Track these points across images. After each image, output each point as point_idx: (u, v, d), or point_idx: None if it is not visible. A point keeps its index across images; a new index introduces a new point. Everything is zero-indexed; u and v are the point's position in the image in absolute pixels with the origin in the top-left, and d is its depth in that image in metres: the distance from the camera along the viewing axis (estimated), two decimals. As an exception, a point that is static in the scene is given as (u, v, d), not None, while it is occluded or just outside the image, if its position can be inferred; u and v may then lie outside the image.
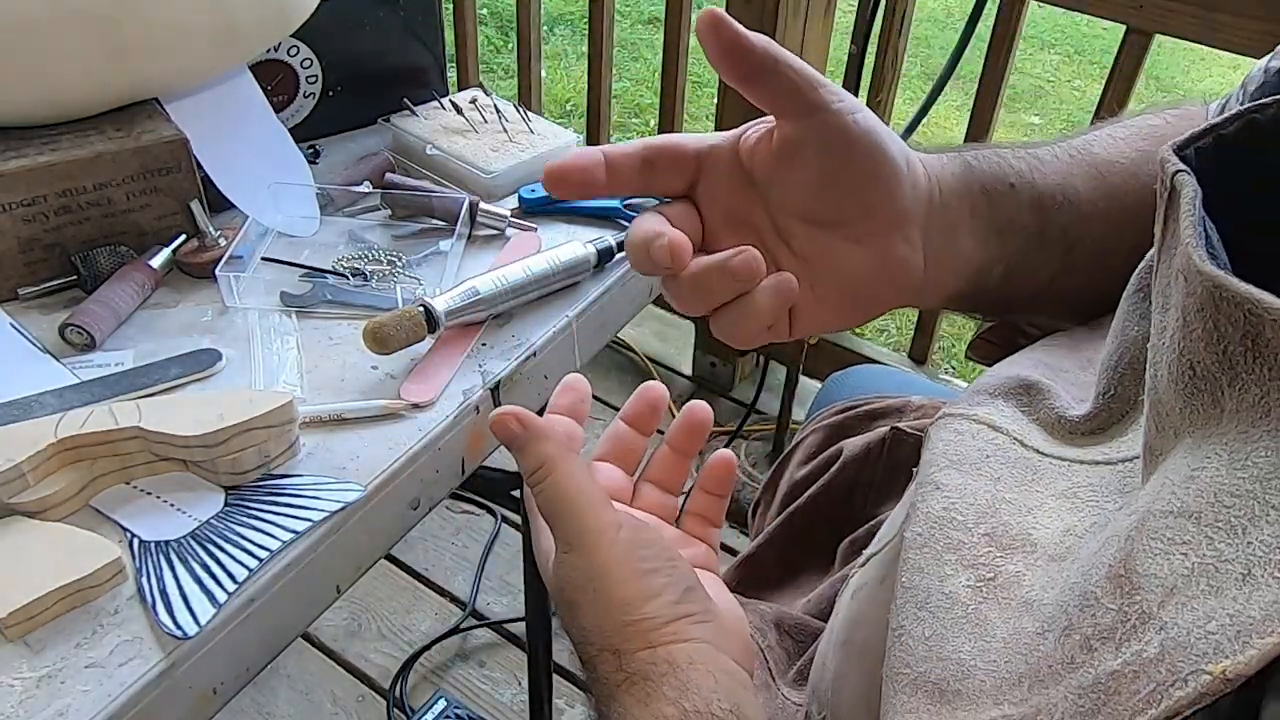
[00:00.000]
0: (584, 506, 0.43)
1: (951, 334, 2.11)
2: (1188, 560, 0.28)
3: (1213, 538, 0.28)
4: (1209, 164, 0.34)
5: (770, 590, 0.71)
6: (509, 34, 3.09)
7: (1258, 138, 0.35)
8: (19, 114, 0.65)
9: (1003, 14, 1.36)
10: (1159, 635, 0.28)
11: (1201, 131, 0.35)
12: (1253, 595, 0.26)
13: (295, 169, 0.78)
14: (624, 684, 0.41)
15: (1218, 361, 0.29)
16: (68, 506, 0.51)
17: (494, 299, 0.66)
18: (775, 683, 0.59)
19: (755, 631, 0.62)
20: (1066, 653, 0.32)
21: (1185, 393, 0.31)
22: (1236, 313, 0.28)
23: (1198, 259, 0.29)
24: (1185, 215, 0.31)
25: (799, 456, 0.78)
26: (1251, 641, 0.25)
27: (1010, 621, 0.36)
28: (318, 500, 0.53)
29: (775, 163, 0.44)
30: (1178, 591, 0.28)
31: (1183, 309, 0.30)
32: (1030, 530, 0.40)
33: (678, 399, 1.89)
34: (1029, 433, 0.45)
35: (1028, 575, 0.38)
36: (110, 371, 0.61)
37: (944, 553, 0.40)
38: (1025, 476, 0.42)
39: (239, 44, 0.71)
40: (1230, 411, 0.29)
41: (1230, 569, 0.27)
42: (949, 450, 0.44)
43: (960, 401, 0.48)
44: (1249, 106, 0.35)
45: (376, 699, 1.37)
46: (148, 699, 0.45)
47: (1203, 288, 0.29)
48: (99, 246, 0.67)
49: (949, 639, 0.37)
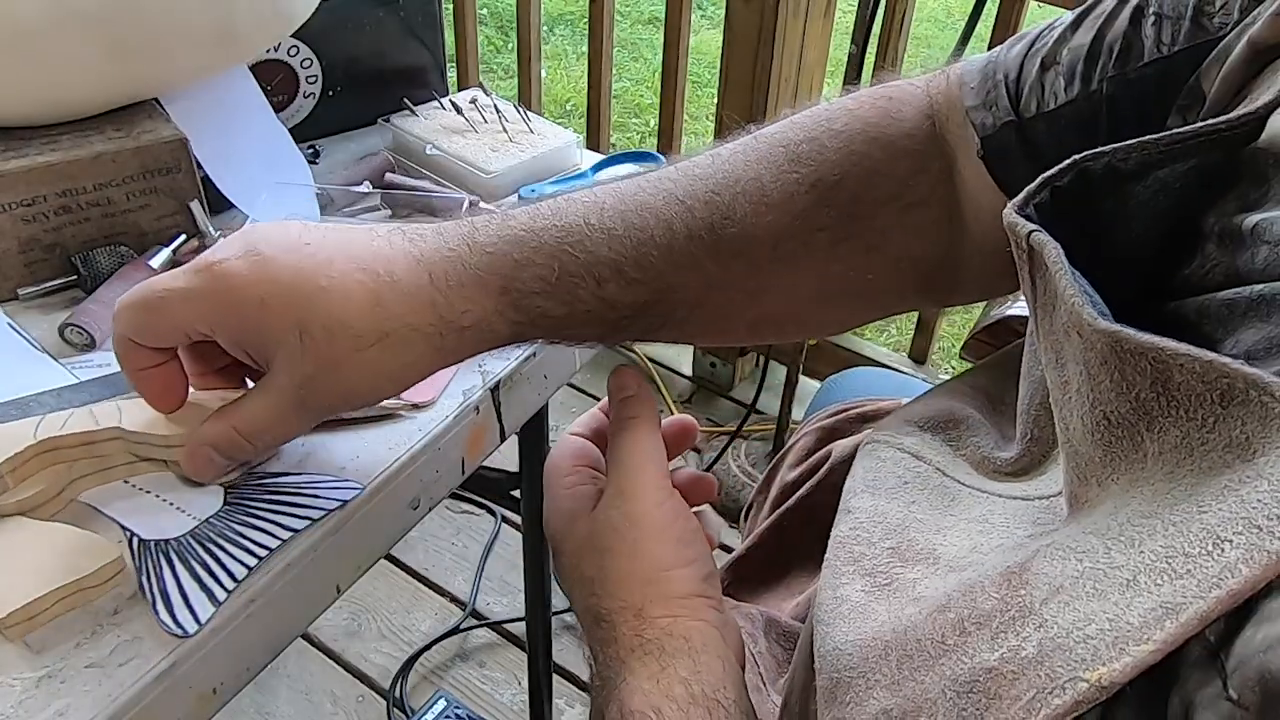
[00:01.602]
0: (649, 462, 0.46)
1: (951, 334, 2.11)
2: (1080, 565, 0.28)
3: (1109, 548, 0.28)
4: (1051, 216, 0.34)
5: (760, 591, 0.71)
6: (509, 34, 3.09)
7: (1089, 186, 0.35)
8: (19, 114, 0.65)
9: (1003, 14, 1.37)
10: (1038, 633, 0.28)
11: (1037, 186, 0.34)
12: (1134, 600, 0.26)
13: (295, 169, 0.78)
14: (638, 650, 0.41)
15: (1132, 409, 0.29)
16: (49, 508, 0.51)
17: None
18: (766, 688, 0.59)
19: (746, 636, 0.62)
20: (937, 629, 0.32)
21: (1103, 442, 0.31)
22: (1141, 362, 0.28)
23: (1089, 317, 0.29)
24: (1059, 275, 0.31)
25: (791, 458, 0.78)
26: (1128, 649, 0.25)
27: (893, 611, 0.36)
28: (317, 499, 0.53)
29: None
30: (1063, 591, 0.28)
31: (1085, 363, 0.30)
32: (936, 547, 0.40)
33: (678, 399, 1.89)
34: (953, 465, 0.45)
35: (924, 580, 0.38)
36: (110, 371, 0.61)
37: (844, 566, 0.41)
38: (942, 501, 0.43)
39: (239, 44, 0.71)
40: (1154, 454, 0.29)
41: (1118, 574, 0.27)
42: (868, 475, 0.45)
43: (888, 427, 0.48)
44: (1082, 156, 0.35)
45: (376, 699, 1.37)
46: (148, 699, 0.45)
47: (1101, 343, 0.29)
48: (99, 246, 0.67)
49: (832, 635, 0.37)
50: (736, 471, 1.69)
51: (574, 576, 0.45)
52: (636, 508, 0.44)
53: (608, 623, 0.42)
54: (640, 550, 0.43)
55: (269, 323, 0.44)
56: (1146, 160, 0.34)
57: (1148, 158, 0.34)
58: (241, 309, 0.44)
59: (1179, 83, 0.42)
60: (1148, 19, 0.43)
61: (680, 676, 0.40)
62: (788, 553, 0.72)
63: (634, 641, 0.41)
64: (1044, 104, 0.46)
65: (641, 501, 0.44)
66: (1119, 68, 0.44)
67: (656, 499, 0.44)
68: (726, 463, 1.70)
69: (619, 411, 0.48)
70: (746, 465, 1.70)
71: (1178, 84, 0.42)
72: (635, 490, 0.44)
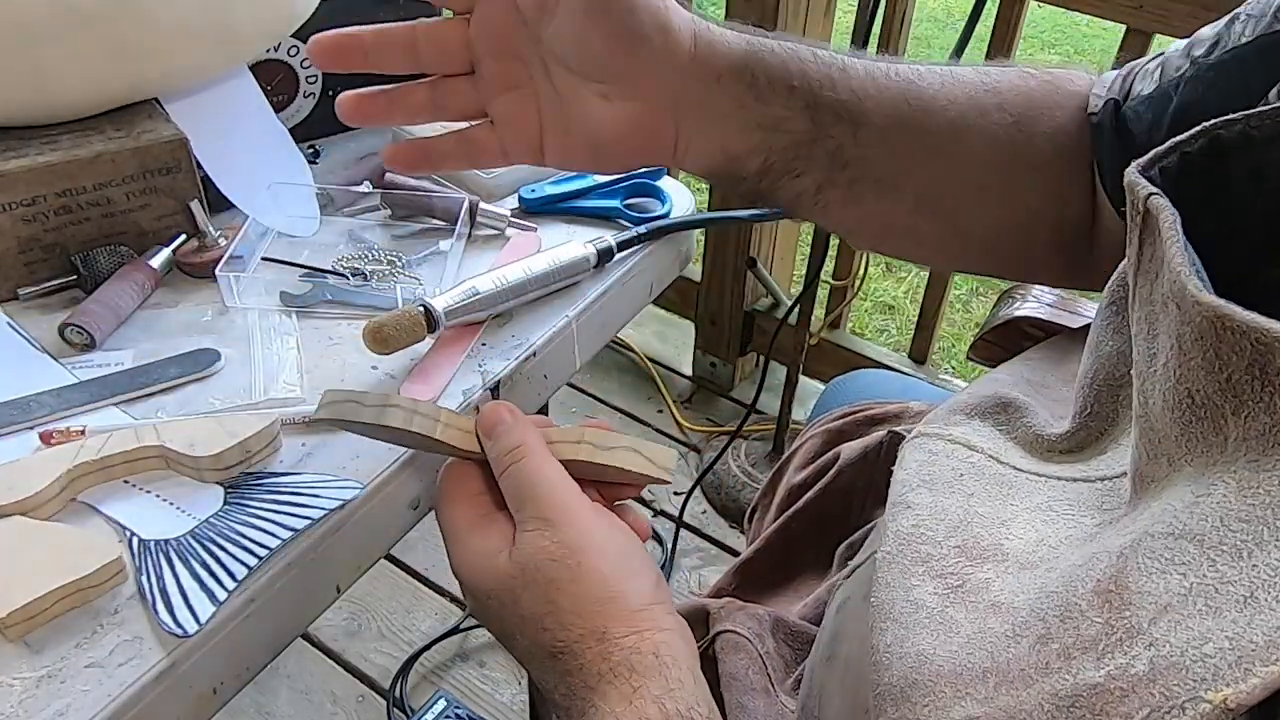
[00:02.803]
0: (561, 487, 0.44)
1: (951, 334, 2.11)
2: (1186, 580, 0.27)
3: (1215, 560, 0.27)
4: (1171, 182, 0.33)
5: (768, 594, 0.71)
6: (509, 34, 3.09)
7: (1219, 153, 0.34)
8: (19, 114, 0.65)
9: (1003, 14, 1.37)
10: (1148, 651, 0.27)
11: (1166, 149, 0.34)
12: (1255, 618, 0.25)
13: (295, 169, 0.78)
14: (606, 675, 0.40)
15: (1220, 390, 0.28)
16: (49, 508, 0.51)
17: (494, 299, 0.66)
18: (774, 689, 0.59)
19: (754, 637, 0.61)
20: (1041, 659, 0.31)
21: (1183, 420, 0.30)
22: (1242, 342, 0.27)
23: (1193, 289, 0.28)
24: (1170, 242, 0.30)
25: (797, 461, 0.78)
26: (1254, 669, 0.24)
27: (976, 621, 0.35)
28: (317, 498, 0.53)
29: (543, 6, 0.46)
30: (1172, 610, 0.27)
31: (1178, 337, 0.29)
32: (1002, 541, 0.39)
33: (678, 399, 1.89)
34: (1006, 450, 0.44)
35: (997, 581, 0.37)
36: (110, 371, 0.61)
37: (912, 566, 0.40)
38: (1000, 491, 0.42)
39: (239, 44, 0.71)
40: (1236, 440, 0.28)
41: (1231, 590, 0.26)
42: (921, 470, 0.44)
43: (935, 420, 0.48)
44: (1215, 122, 0.34)
45: (376, 699, 1.37)
46: (148, 699, 0.45)
47: (1201, 317, 0.28)
48: (99, 246, 0.67)
49: (910, 639, 0.37)
50: (736, 472, 1.69)
51: (509, 616, 0.43)
52: (569, 533, 0.42)
53: (567, 653, 0.41)
54: (586, 573, 0.41)
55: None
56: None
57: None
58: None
59: (1249, 71, 0.43)
60: (1239, 20, 0.46)
61: (653, 695, 0.39)
62: (795, 555, 0.72)
63: (601, 667, 0.40)
64: (1141, 90, 0.50)
65: (572, 526, 0.43)
66: (1204, 56, 0.47)
67: (585, 519, 0.43)
68: (726, 463, 1.70)
69: (502, 445, 0.46)
70: (746, 465, 1.70)
71: (1249, 71, 0.43)
72: (562, 517, 0.43)
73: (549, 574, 0.41)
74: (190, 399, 0.60)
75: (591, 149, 0.50)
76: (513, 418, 0.47)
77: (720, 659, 0.60)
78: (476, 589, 0.44)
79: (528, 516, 0.43)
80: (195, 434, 0.53)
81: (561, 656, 0.41)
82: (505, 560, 0.43)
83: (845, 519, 0.70)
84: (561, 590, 0.41)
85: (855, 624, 0.48)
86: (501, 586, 0.43)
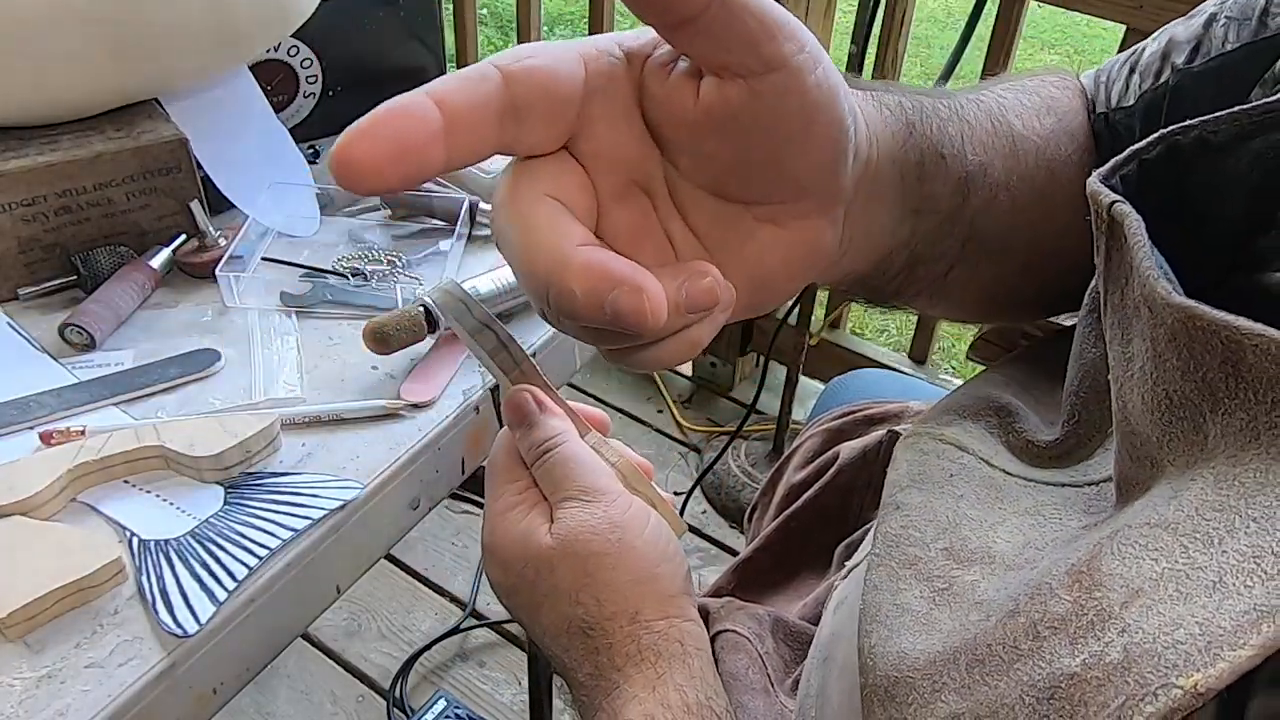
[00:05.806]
0: (600, 469, 0.44)
1: (951, 334, 2.11)
2: (1157, 565, 0.28)
3: (1188, 547, 0.27)
4: (1133, 189, 0.33)
5: (767, 594, 0.71)
6: (509, 34, 3.09)
7: (1177, 160, 0.35)
8: (19, 114, 0.65)
9: (1003, 14, 1.37)
10: (1121, 638, 0.27)
11: (1125, 158, 0.34)
12: (1223, 603, 0.25)
13: (295, 169, 0.78)
14: (634, 658, 0.40)
15: (1197, 389, 0.28)
16: (49, 508, 0.51)
17: (494, 299, 0.66)
18: (774, 689, 0.59)
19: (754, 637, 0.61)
20: (1009, 634, 0.31)
21: (1163, 422, 0.30)
22: (1213, 341, 0.27)
23: (1163, 291, 0.29)
24: (1137, 247, 0.30)
25: (797, 460, 0.78)
26: (1222, 654, 0.24)
27: (958, 618, 0.36)
28: (317, 499, 0.53)
29: (698, 127, 0.31)
30: (1143, 594, 0.27)
31: (1152, 340, 0.30)
32: (990, 545, 0.39)
33: (678, 399, 1.89)
34: (997, 454, 0.44)
35: (983, 583, 0.37)
36: (110, 371, 0.61)
37: (900, 569, 0.40)
38: (990, 495, 0.42)
39: (239, 44, 0.71)
40: (1215, 437, 0.28)
41: (1201, 576, 0.26)
42: (912, 470, 0.44)
43: (929, 419, 0.48)
44: (1171, 129, 0.34)
45: (376, 699, 1.37)
46: (148, 699, 0.45)
47: (1173, 318, 0.28)
48: (99, 246, 0.67)
49: (893, 640, 0.37)
50: (736, 471, 1.69)
51: (542, 587, 0.42)
52: (611, 510, 0.43)
53: (596, 631, 0.41)
54: (625, 549, 0.42)
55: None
56: (1239, 132, 0.34)
57: (1240, 129, 0.34)
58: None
59: (1240, 78, 0.43)
60: (1218, 22, 0.45)
61: (676, 683, 0.39)
62: (795, 555, 0.72)
63: (630, 648, 0.40)
64: (1124, 99, 0.49)
65: (614, 504, 0.43)
66: (1186, 63, 0.46)
67: (625, 498, 0.44)
68: (726, 463, 1.70)
69: (539, 432, 0.45)
70: (746, 465, 1.70)
71: (1239, 79, 0.43)
72: (604, 493, 0.43)
73: (590, 547, 0.42)
74: (190, 399, 0.60)
75: (752, 286, 0.34)
76: (541, 409, 0.46)
77: (720, 658, 0.60)
78: (510, 560, 0.44)
79: (568, 493, 0.44)
80: (195, 434, 0.53)
81: (591, 634, 0.41)
82: (545, 535, 0.43)
83: (844, 518, 0.70)
84: (600, 564, 0.41)
85: (852, 624, 0.48)
86: (539, 558, 0.43)
